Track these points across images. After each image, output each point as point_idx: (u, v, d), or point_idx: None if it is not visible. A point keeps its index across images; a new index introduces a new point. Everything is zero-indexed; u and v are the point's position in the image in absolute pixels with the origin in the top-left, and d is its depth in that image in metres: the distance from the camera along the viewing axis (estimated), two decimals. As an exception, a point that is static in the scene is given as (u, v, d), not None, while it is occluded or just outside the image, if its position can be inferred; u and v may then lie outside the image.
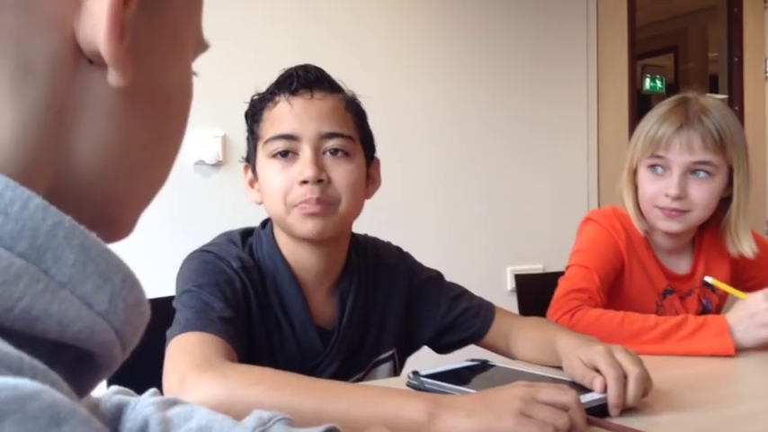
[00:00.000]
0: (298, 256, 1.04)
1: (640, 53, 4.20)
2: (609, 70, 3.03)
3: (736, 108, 3.44)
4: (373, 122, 1.10)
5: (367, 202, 1.08)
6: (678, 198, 1.30)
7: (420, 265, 1.20)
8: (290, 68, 1.03)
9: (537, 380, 0.89)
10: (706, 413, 0.87)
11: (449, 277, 1.22)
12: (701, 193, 1.31)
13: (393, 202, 2.53)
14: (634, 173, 1.38)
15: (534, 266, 2.66)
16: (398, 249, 1.20)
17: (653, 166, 1.34)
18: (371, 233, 1.20)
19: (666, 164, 1.32)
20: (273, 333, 1.02)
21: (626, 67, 3.09)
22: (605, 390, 0.82)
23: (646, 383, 0.83)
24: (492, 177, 2.73)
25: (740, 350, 1.17)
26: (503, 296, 2.42)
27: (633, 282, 1.36)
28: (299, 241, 1.02)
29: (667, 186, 1.31)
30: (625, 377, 0.82)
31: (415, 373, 0.94)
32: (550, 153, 2.85)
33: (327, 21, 2.37)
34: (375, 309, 1.12)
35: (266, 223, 1.09)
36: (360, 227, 1.13)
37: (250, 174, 1.08)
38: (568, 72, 2.93)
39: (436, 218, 2.61)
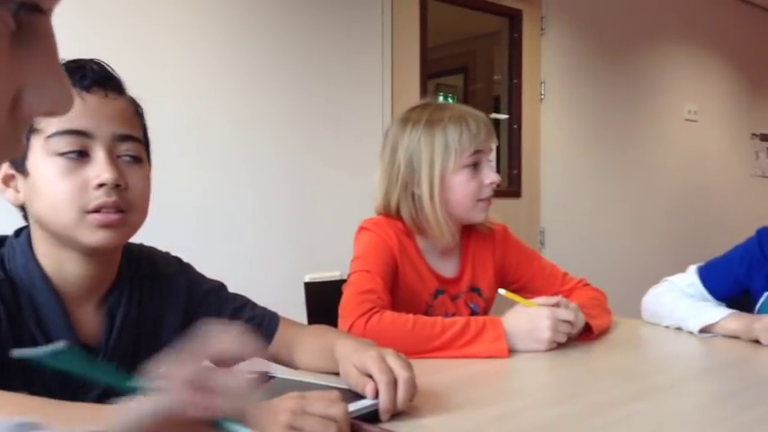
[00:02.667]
0: (63, 267, 0.94)
1: (435, 72, 4.43)
2: (402, 87, 3.16)
3: (515, 126, 3.74)
4: (173, 124, 1.04)
5: (165, 206, 1.01)
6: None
7: (201, 276, 1.15)
8: (80, 59, 0.93)
9: (313, 389, 0.88)
10: (473, 413, 0.92)
11: (246, 286, 1.19)
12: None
13: (194, 206, 2.44)
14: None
15: (332, 274, 2.69)
16: (177, 260, 1.14)
17: (474, 164, 1.42)
18: (168, 238, 1.13)
19: (483, 158, 1.44)
20: None
21: (418, 84, 3.25)
22: (377, 395, 0.83)
23: (413, 388, 0.86)
24: (294, 182, 2.75)
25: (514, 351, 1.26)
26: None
27: (407, 283, 1.43)
28: (69, 252, 0.92)
29: (487, 175, 1.43)
30: (396, 382, 0.84)
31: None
32: (350, 162, 2.91)
33: (117, 19, 2.23)
34: (149, 323, 1.05)
35: (20, 231, 0.97)
36: (156, 232, 1.05)
37: (5, 169, 0.94)
38: (365, 90, 3.02)
39: (237, 224, 2.56)
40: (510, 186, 3.73)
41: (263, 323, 1.13)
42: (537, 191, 3.84)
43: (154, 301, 1.06)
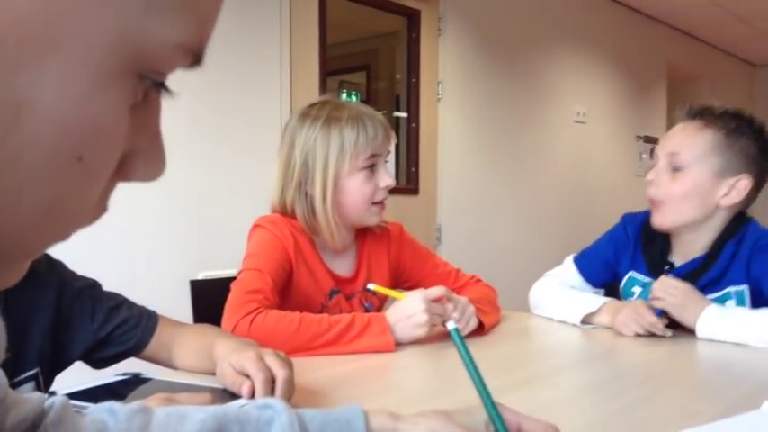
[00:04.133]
0: None
1: (338, 69, 4.43)
2: (302, 84, 3.14)
3: (414, 125, 3.79)
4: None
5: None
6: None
7: (73, 274, 1.10)
8: None
9: (186, 390, 0.86)
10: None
11: (137, 286, 1.14)
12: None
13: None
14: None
15: (230, 272, 2.64)
16: (47, 257, 1.08)
17: (370, 167, 1.42)
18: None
19: (379, 161, 1.44)
20: None
21: (318, 81, 3.24)
22: (254, 395, 0.82)
23: (291, 386, 0.85)
24: (190, 178, 2.68)
25: (399, 344, 1.28)
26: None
27: (301, 282, 1.42)
28: None
29: (382, 178, 1.43)
30: (274, 381, 0.83)
31: (51, 393, 0.85)
32: (250, 158, 2.86)
33: None
34: (17, 322, 0.99)
35: None
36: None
37: None
38: (264, 85, 2.98)
39: (130, 221, 2.46)
40: (408, 184, 3.78)
41: (140, 323, 1.10)
42: (434, 189, 3.91)
43: (22, 299, 1.00)
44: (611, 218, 1.78)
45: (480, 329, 1.42)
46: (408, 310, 1.30)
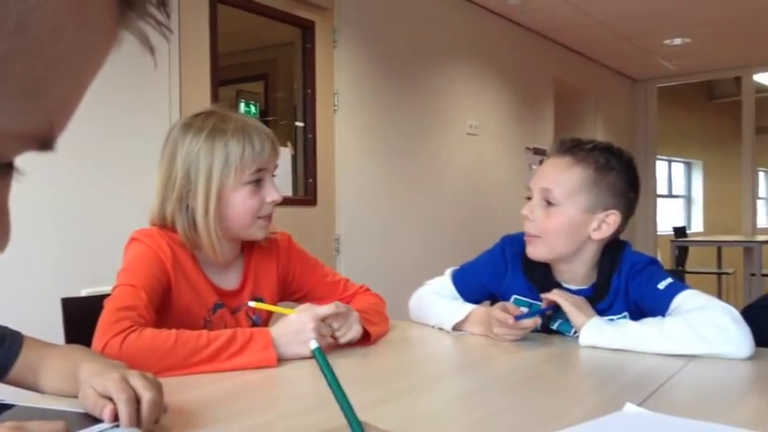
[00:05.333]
0: None
1: (235, 78, 4.36)
2: (192, 93, 3.07)
3: (310, 136, 3.78)
4: None
5: None
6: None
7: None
8: None
9: (48, 416, 0.82)
10: (231, 426, 0.90)
11: (5, 305, 1.07)
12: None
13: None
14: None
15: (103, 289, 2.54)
16: None
17: (256, 181, 1.40)
18: None
19: (266, 175, 1.42)
20: None
21: (209, 90, 3.18)
22: (116, 418, 0.79)
23: (157, 408, 0.83)
24: (72, 191, 2.56)
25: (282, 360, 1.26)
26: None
27: (182, 298, 1.38)
28: None
29: (269, 193, 1.41)
30: (139, 403, 0.81)
31: None
32: (135, 170, 2.77)
33: None
34: None
35: None
36: None
37: None
38: (151, 95, 2.90)
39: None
40: (306, 195, 3.77)
41: (2, 345, 1.04)
42: (332, 199, 3.91)
43: None
44: (505, 227, 1.83)
45: (367, 339, 1.43)
46: (296, 326, 1.29)
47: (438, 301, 1.65)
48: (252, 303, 1.36)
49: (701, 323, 1.30)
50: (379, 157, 4.22)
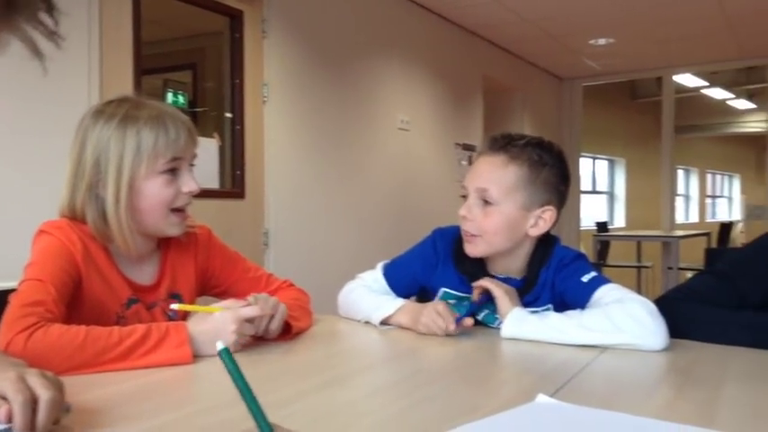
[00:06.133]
0: None
1: (162, 67, 4.24)
2: (113, 82, 2.97)
3: (238, 127, 3.72)
4: None
5: None
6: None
7: None
8: None
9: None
10: (137, 425, 0.87)
11: None
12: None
13: None
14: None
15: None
16: None
17: (172, 171, 1.36)
18: None
19: (182, 164, 1.38)
20: None
21: (131, 79, 3.09)
22: (11, 419, 0.75)
23: (56, 408, 0.79)
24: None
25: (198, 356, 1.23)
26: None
27: (93, 292, 1.33)
28: None
29: (186, 183, 1.38)
30: (36, 402, 0.77)
31: None
32: (51, 161, 2.65)
33: None
34: None
35: None
36: None
37: None
38: (69, 83, 2.78)
39: None
40: (233, 187, 3.70)
41: None
42: (261, 192, 3.86)
43: None
44: (435, 221, 1.83)
45: (287, 333, 1.41)
46: (217, 325, 1.26)
47: (367, 294, 1.64)
48: (175, 306, 1.32)
49: (618, 315, 1.34)
50: (310, 150, 4.19)
